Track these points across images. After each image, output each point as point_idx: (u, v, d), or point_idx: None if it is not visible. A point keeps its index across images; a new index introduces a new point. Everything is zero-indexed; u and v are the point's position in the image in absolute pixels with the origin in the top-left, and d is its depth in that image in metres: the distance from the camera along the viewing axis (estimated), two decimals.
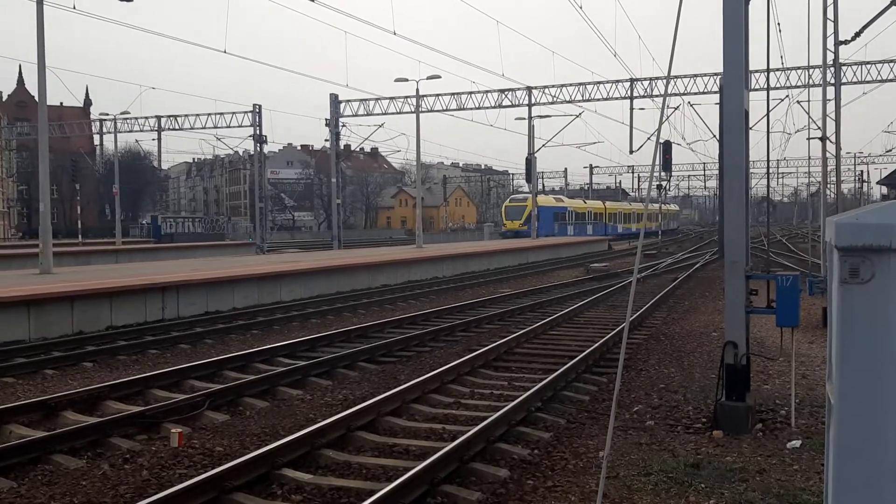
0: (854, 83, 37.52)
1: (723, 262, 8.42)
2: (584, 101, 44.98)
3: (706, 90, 41.39)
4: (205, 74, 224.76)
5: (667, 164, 43.32)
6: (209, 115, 50.77)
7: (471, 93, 46.17)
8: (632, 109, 43.51)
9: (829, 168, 20.80)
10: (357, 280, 23.86)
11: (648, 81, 43.18)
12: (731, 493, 6.01)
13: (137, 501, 5.79)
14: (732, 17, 7.89)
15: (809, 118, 24.96)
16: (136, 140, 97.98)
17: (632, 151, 43.17)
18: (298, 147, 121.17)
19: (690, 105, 48.01)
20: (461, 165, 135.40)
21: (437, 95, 46.77)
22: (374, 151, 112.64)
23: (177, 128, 52.28)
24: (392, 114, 47.38)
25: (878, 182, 65.34)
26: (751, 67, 8.69)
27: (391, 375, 10.96)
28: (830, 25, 18.24)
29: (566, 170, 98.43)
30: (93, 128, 64.49)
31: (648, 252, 42.06)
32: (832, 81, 19.55)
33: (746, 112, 8.25)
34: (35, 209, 50.65)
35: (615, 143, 76.27)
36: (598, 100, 44.41)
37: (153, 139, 56.72)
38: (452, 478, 6.42)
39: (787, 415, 8.14)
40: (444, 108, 46.66)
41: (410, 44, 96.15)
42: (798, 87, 38.85)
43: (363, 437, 7.61)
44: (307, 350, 12.73)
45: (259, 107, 48.48)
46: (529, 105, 46.45)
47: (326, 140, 49.87)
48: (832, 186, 22.06)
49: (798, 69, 38.56)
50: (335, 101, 47.65)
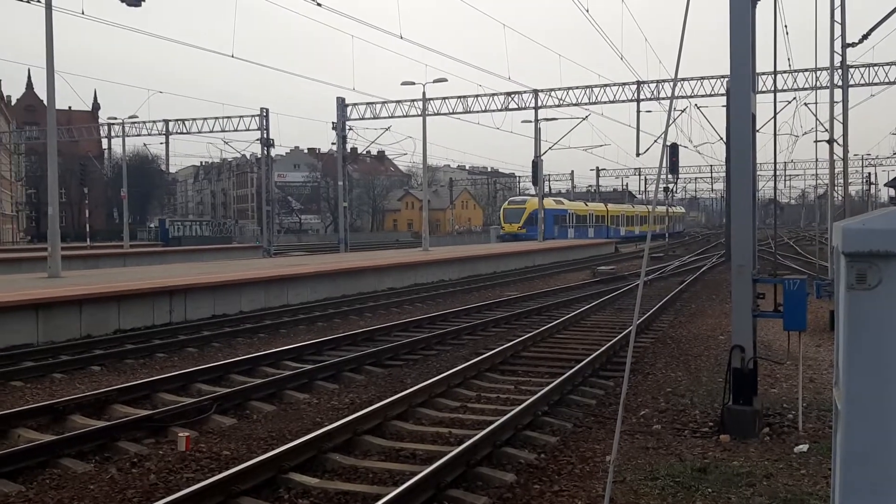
0: (862, 85, 37.35)
1: (730, 265, 8.41)
2: (591, 104, 44.92)
3: (713, 93, 41.28)
4: (212, 78, 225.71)
5: (673, 167, 43.28)
6: (217, 119, 50.95)
7: (477, 96, 46.16)
8: (638, 112, 43.50)
9: (837, 170, 20.73)
10: (363, 283, 23.89)
11: (655, 84, 43.12)
12: (738, 498, 6.00)
13: None
14: (739, 21, 7.88)
15: (817, 120, 24.91)
16: (144, 144, 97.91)
17: (638, 154, 43.17)
18: (305, 150, 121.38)
19: (697, 108, 48.13)
20: (468, 168, 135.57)
21: (444, 98, 46.80)
22: (381, 154, 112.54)
23: (184, 131, 52.41)
24: (399, 117, 47.41)
25: (886, 184, 65.12)
26: (758, 70, 8.68)
27: (398, 379, 10.97)
28: (838, 28, 18.20)
29: (573, 172, 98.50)
30: (101, 131, 64.75)
31: (655, 255, 42.00)
32: (840, 84, 19.48)
33: (753, 115, 8.24)
34: (43, 213, 50.92)
35: (622, 146, 76.76)
36: (605, 102, 44.33)
37: (161, 143, 56.99)
38: (459, 482, 6.43)
39: (795, 419, 8.12)
40: (451, 111, 46.65)
41: (417, 47, 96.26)
42: (805, 90, 38.69)
43: (370, 441, 7.62)
44: (314, 353, 12.75)
45: (266, 110, 48.60)
46: (536, 108, 46.41)
47: (333, 143, 49.87)
48: (839, 189, 21.97)
49: (805, 71, 38.44)
50: (342, 105, 47.72)
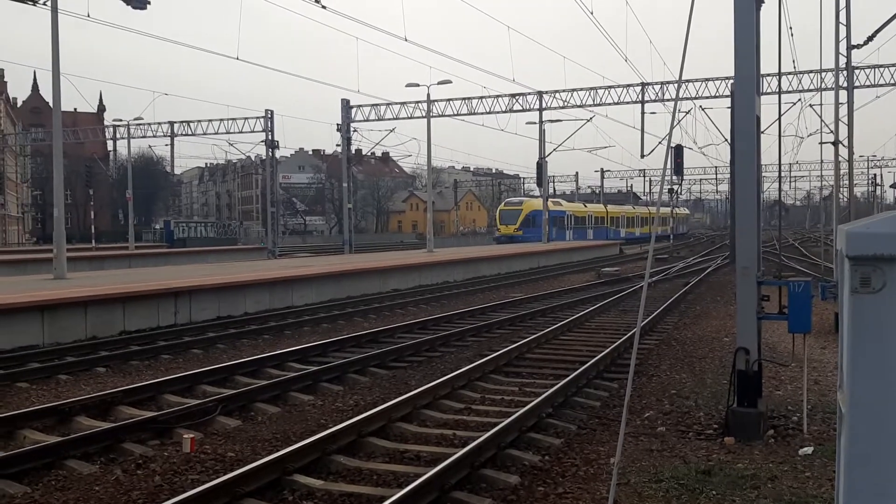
0: (867, 87, 37.23)
1: (734, 267, 8.40)
2: (595, 106, 44.88)
3: (718, 94, 41.18)
4: (217, 80, 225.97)
5: (678, 168, 43.22)
6: (222, 121, 51.00)
7: (482, 97, 46.15)
8: (643, 114, 43.43)
9: (842, 172, 20.71)
10: (368, 284, 23.90)
11: (659, 86, 43.07)
12: (743, 501, 5.99)
13: None
14: (743, 23, 7.88)
15: (822, 122, 24.90)
16: (150, 145, 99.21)
17: (643, 155, 43.06)
18: (310, 152, 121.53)
19: (702, 109, 47.93)
20: (472, 169, 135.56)
21: (448, 100, 46.79)
22: (386, 156, 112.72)
23: (189, 133, 52.45)
24: (403, 119, 47.40)
25: (892, 186, 64.97)
26: (763, 71, 8.67)
27: (402, 381, 10.98)
28: (843, 30, 18.16)
29: (577, 174, 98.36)
30: (106, 133, 64.78)
31: (660, 256, 41.95)
32: (845, 85, 19.46)
33: (758, 117, 8.23)
34: (49, 214, 51.03)
35: (626, 148, 76.57)
36: (610, 104, 44.28)
37: (166, 144, 57.51)
38: (463, 484, 6.43)
39: (799, 421, 8.10)
40: (455, 113, 46.65)
41: (421, 49, 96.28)
42: (811, 91, 38.60)
43: (374, 443, 7.63)
44: (318, 355, 12.77)
45: (271, 112, 48.63)
46: (540, 109, 46.39)
47: (338, 145, 49.92)
48: (845, 190, 21.94)
49: (810, 73, 38.38)
50: (346, 107, 47.77)
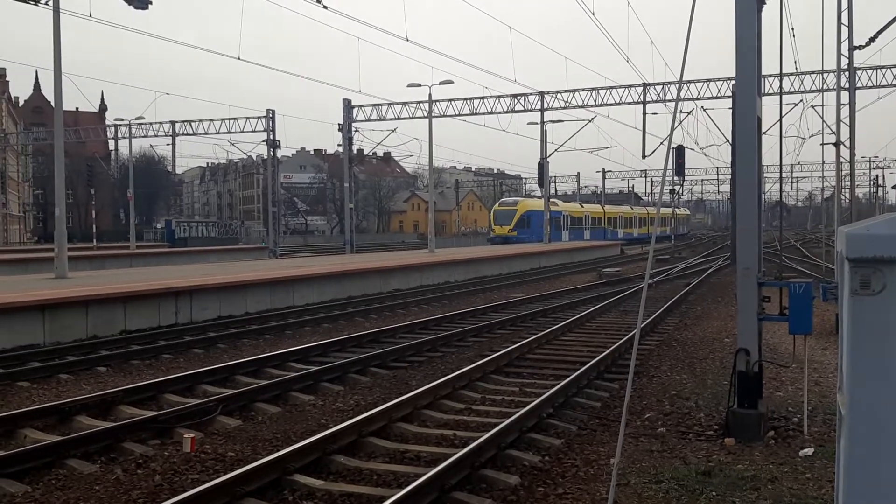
0: (869, 87, 37.17)
1: (735, 268, 8.39)
2: (597, 106, 44.84)
3: (719, 95, 41.15)
4: (219, 80, 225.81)
5: (680, 169, 43.18)
6: (223, 121, 51.01)
7: (483, 98, 46.15)
8: (644, 114, 43.37)
9: (844, 173, 20.68)
10: (369, 284, 23.90)
11: (661, 86, 43.02)
12: (743, 502, 5.99)
13: None
14: (745, 24, 7.87)
15: (824, 123, 24.90)
16: (151, 145, 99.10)
17: (644, 156, 42.99)
18: (311, 151, 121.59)
19: (703, 110, 47.93)
20: (474, 170, 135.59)
21: (450, 100, 46.78)
22: (387, 156, 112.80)
23: (191, 133, 52.46)
24: (405, 119, 47.40)
25: (894, 187, 64.95)
26: (764, 72, 8.66)
27: (403, 381, 10.98)
28: (845, 31, 18.15)
29: (579, 174, 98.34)
30: (108, 133, 64.85)
31: (661, 257, 41.95)
32: (846, 86, 19.43)
33: (759, 118, 8.23)
34: (51, 213, 51.06)
35: (628, 148, 76.35)
36: (611, 105, 44.25)
37: (167, 144, 57.20)
38: (463, 484, 6.43)
39: (800, 422, 8.10)
40: (457, 113, 46.64)
41: (423, 50, 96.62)
42: (812, 92, 38.59)
43: (374, 443, 7.63)
44: (319, 355, 12.77)
45: (272, 112, 48.65)
46: (542, 110, 46.37)
47: (339, 145, 49.93)
48: (846, 191, 21.90)
49: (812, 74, 38.35)
50: (348, 106, 47.78)
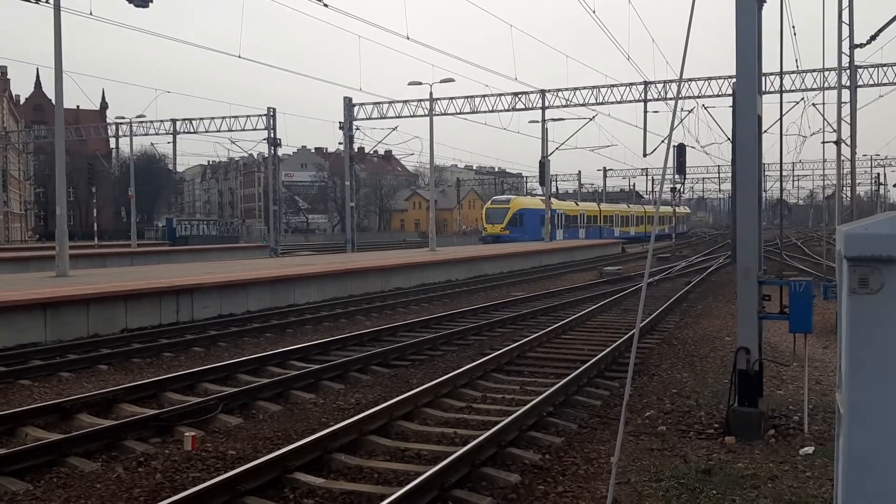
0: (870, 86, 37.12)
1: (736, 267, 8.40)
2: (598, 105, 44.83)
3: (720, 93, 41.11)
4: (219, 78, 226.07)
5: (681, 167, 43.17)
6: (224, 119, 51.06)
7: (484, 96, 46.14)
8: (645, 112, 43.34)
9: (845, 171, 20.67)
10: (370, 283, 23.91)
11: (662, 84, 43.00)
12: (743, 500, 6.00)
13: None
14: (745, 23, 7.87)
15: (825, 121, 24.88)
16: (152, 143, 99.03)
17: (646, 154, 42.97)
18: (312, 150, 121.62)
19: (704, 108, 47.91)
20: (475, 168, 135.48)
21: (451, 99, 46.78)
22: (388, 154, 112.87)
23: (192, 131, 52.51)
24: (406, 117, 47.41)
25: (895, 185, 64.90)
26: (765, 70, 8.66)
27: (403, 379, 10.99)
28: (846, 29, 18.14)
29: (580, 172, 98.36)
30: (109, 131, 65.01)
31: (662, 255, 41.95)
32: (847, 84, 19.41)
33: (759, 117, 8.23)
34: (52, 211, 51.10)
35: (629, 147, 76.18)
36: (612, 103, 44.24)
37: (168, 142, 57.08)
38: (464, 482, 6.44)
39: (800, 421, 8.10)
40: (458, 112, 46.64)
41: (424, 48, 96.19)
42: (813, 90, 38.55)
43: (375, 442, 7.64)
44: (320, 353, 12.78)
45: (273, 110, 48.66)
46: (543, 108, 46.37)
47: (340, 143, 49.97)
48: (848, 189, 21.89)
49: (813, 72, 38.31)
50: (349, 105, 47.78)
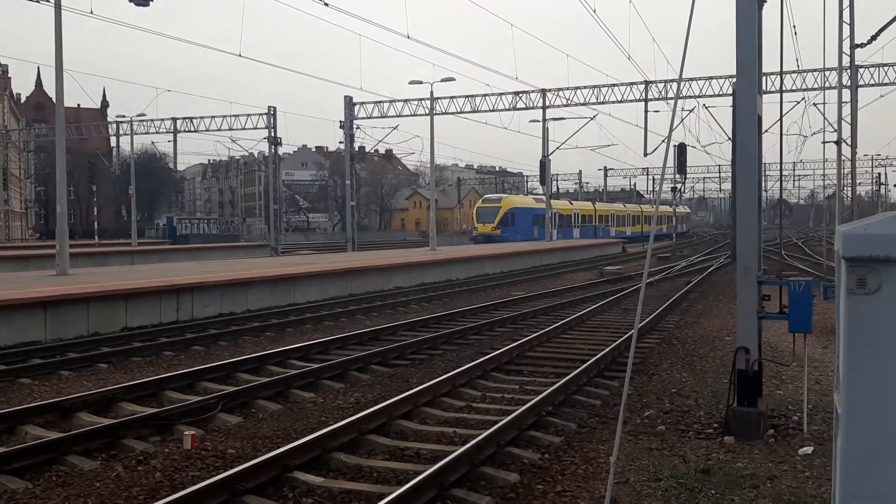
0: (871, 85, 37.13)
1: (735, 266, 8.40)
2: (599, 104, 44.85)
3: (721, 92, 41.11)
4: (220, 77, 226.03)
5: (681, 167, 43.14)
6: (224, 118, 51.10)
7: (485, 95, 46.15)
8: (646, 112, 43.35)
9: (845, 171, 20.67)
10: (370, 282, 23.92)
11: (663, 84, 43.00)
12: (742, 500, 6.00)
13: (150, 503, 5.85)
14: (746, 22, 7.86)
15: (825, 121, 24.86)
16: (152, 142, 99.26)
17: (646, 154, 42.96)
18: (313, 149, 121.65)
19: (705, 107, 47.80)
20: (475, 167, 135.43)
21: (452, 98, 46.78)
22: (389, 153, 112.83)
23: (192, 130, 52.58)
24: (406, 116, 47.41)
25: None
26: (766, 69, 8.65)
27: (403, 379, 10.99)
28: (846, 28, 18.13)
29: (581, 172, 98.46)
30: (109, 130, 65.06)
31: (662, 255, 41.96)
32: (848, 84, 19.40)
33: (759, 117, 8.23)
34: (52, 210, 51.11)
35: (630, 146, 76.20)
36: (613, 102, 44.26)
37: (169, 141, 57.21)
38: (463, 482, 6.45)
39: (800, 421, 8.11)
40: (459, 111, 46.65)
41: (424, 47, 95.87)
42: (814, 90, 38.55)
43: (374, 441, 7.64)
44: (320, 352, 12.78)
45: (274, 109, 48.68)
46: (544, 107, 46.37)
47: (341, 142, 50.01)
48: (848, 189, 21.88)
49: (814, 72, 38.31)
50: (349, 104, 47.79)
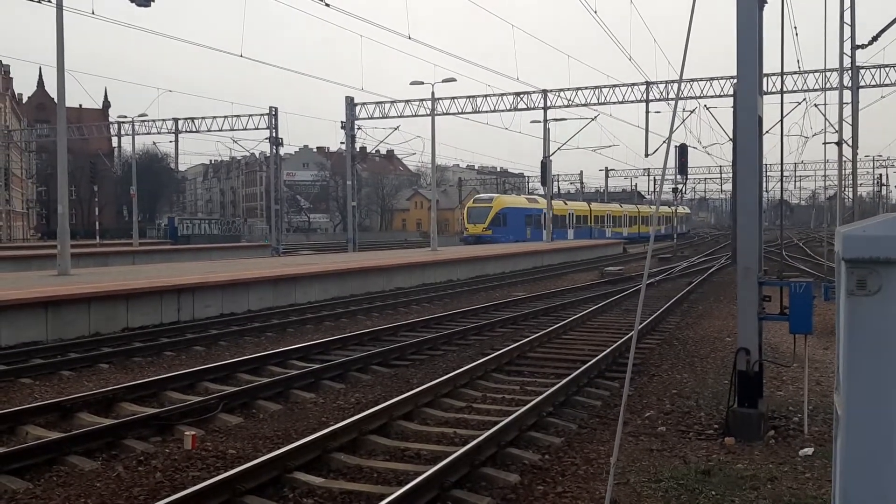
0: (872, 86, 37.11)
1: (737, 267, 8.39)
2: (600, 105, 44.83)
3: (722, 93, 41.10)
4: (221, 77, 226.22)
5: (682, 168, 43.13)
6: (226, 118, 51.11)
7: (486, 96, 46.14)
8: (647, 113, 43.35)
9: (846, 172, 20.65)
10: (371, 283, 23.92)
11: (664, 85, 42.98)
12: (742, 501, 6.00)
13: (151, 503, 5.86)
14: (746, 24, 7.86)
15: (826, 122, 24.84)
16: (154, 142, 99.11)
17: (647, 155, 42.94)
18: (314, 149, 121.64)
19: (706, 108, 47.79)
20: (477, 168, 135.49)
21: (453, 98, 46.77)
22: (390, 153, 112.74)
23: (194, 130, 52.61)
24: (408, 116, 47.40)
25: None
26: (766, 71, 8.66)
27: (404, 379, 10.99)
28: (847, 29, 18.12)
29: (582, 173, 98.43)
30: (111, 130, 65.12)
31: (663, 256, 41.93)
32: (849, 85, 19.39)
33: (760, 118, 8.22)
34: (54, 210, 51.12)
35: (631, 147, 75.96)
36: (614, 103, 44.24)
37: (170, 141, 57.32)
38: (463, 482, 6.45)
39: (800, 422, 8.10)
40: (460, 111, 46.64)
41: (425, 47, 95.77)
42: (815, 91, 38.55)
43: (375, 441, 7.65)
44: (321, 353, 12.78)
45: (275, 109, 48.66)
46: (545, 108, 46.36)
47: (342, 142, 50.02)
48: (849, 190, 21.87)
49: (815, 72, 38.28)
50: (351, 104, 47.80)
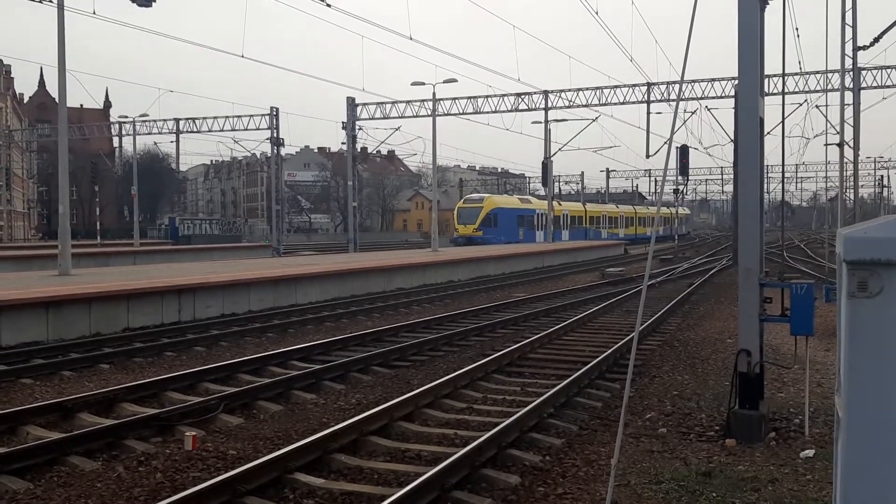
0: (873, 88, 37.09)
1: (738, 269, 8.39)
2: (601, 106, 44.78)
3: (723, 94, 41.07)
4: (222, 78, 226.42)
5: (683, 168, 43.17)
6: (227, 118, 51.11)
7: (487, 96, 46.14)
8: (648, 113, 43.32)
9: (848, 173, 20.64)
10: (372, 283, 23.92)
11: (665, 85, 42.94)
12: (743, 503, 5.99)
13: None
14: (748, 25, 7.86)
15: (828, 123, 24.84)
16: (155, 142, 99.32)
17: (648, 155, 42.90)
18: (315, 149, 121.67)
19: (708, 109, 47.86)
20: (478, 168, 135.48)
21: (454, 99, 46.77)
22: (391, 154, 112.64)
23: (195, 130, 52.59)
24: (409, 117, 47.39)
25: None
26: (768, 72, 8.65)
27: (404, 380, 10.99)
28: (849, 31, 18.11)
29: (583, 173, 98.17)
30: (112, 130, 65.11)
31: (665, 257, 41.93)
32: (850, 86, 19.37)
33: (761, 119, 8.22)
34: (55, 210, 51.20)
35: (632, 148, 76.08)
36: (615, 104, 44.20)
37: (171, 141, 57.48)
38: (464, 484, 6.44)
39: (801, 424, 8.09)
40: (461, 112, 46.64)
41: (427, 48, 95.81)
42: (817, 92, 38.52)
43: (375, 442, 7.64)
44: (321, 354, 12.78)
45: (276, 109, 48.67)
46: (546, 109, 46.35)
47: (343, 143, 49.99)
48: (850, 192, 21.85)
49: (817, 74, 38.26)
50: (352, 105, 47.81)
